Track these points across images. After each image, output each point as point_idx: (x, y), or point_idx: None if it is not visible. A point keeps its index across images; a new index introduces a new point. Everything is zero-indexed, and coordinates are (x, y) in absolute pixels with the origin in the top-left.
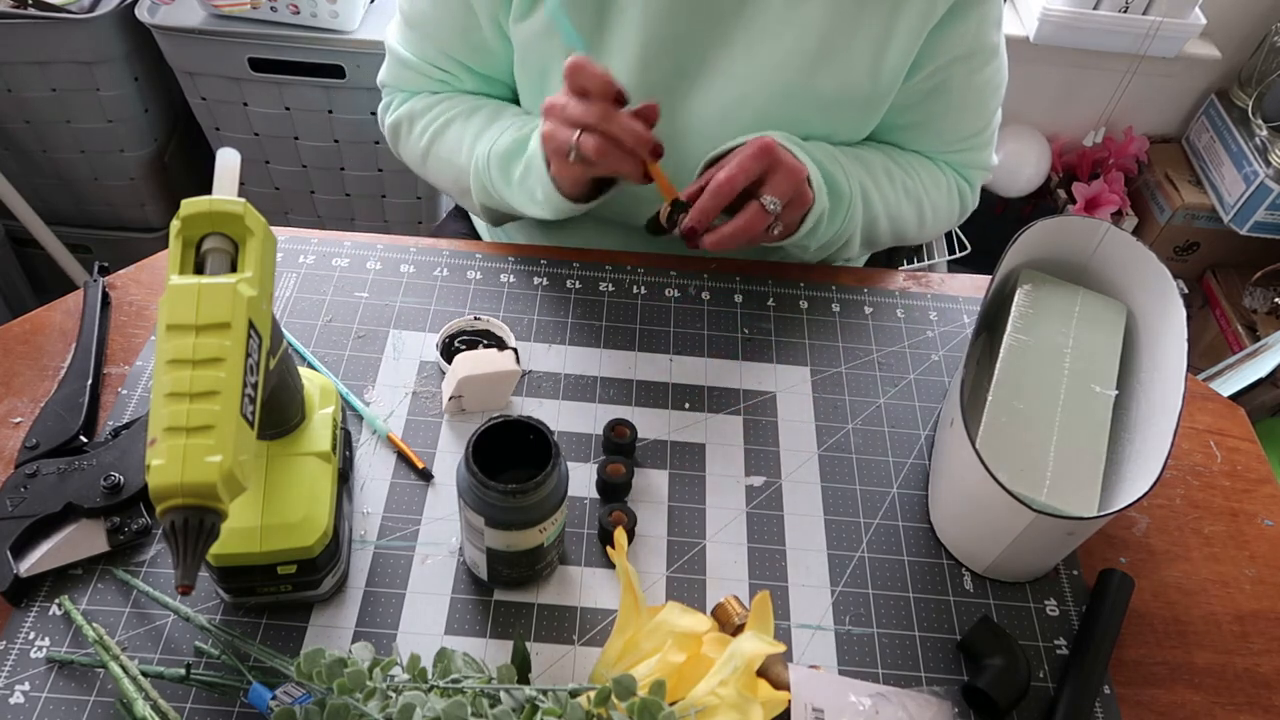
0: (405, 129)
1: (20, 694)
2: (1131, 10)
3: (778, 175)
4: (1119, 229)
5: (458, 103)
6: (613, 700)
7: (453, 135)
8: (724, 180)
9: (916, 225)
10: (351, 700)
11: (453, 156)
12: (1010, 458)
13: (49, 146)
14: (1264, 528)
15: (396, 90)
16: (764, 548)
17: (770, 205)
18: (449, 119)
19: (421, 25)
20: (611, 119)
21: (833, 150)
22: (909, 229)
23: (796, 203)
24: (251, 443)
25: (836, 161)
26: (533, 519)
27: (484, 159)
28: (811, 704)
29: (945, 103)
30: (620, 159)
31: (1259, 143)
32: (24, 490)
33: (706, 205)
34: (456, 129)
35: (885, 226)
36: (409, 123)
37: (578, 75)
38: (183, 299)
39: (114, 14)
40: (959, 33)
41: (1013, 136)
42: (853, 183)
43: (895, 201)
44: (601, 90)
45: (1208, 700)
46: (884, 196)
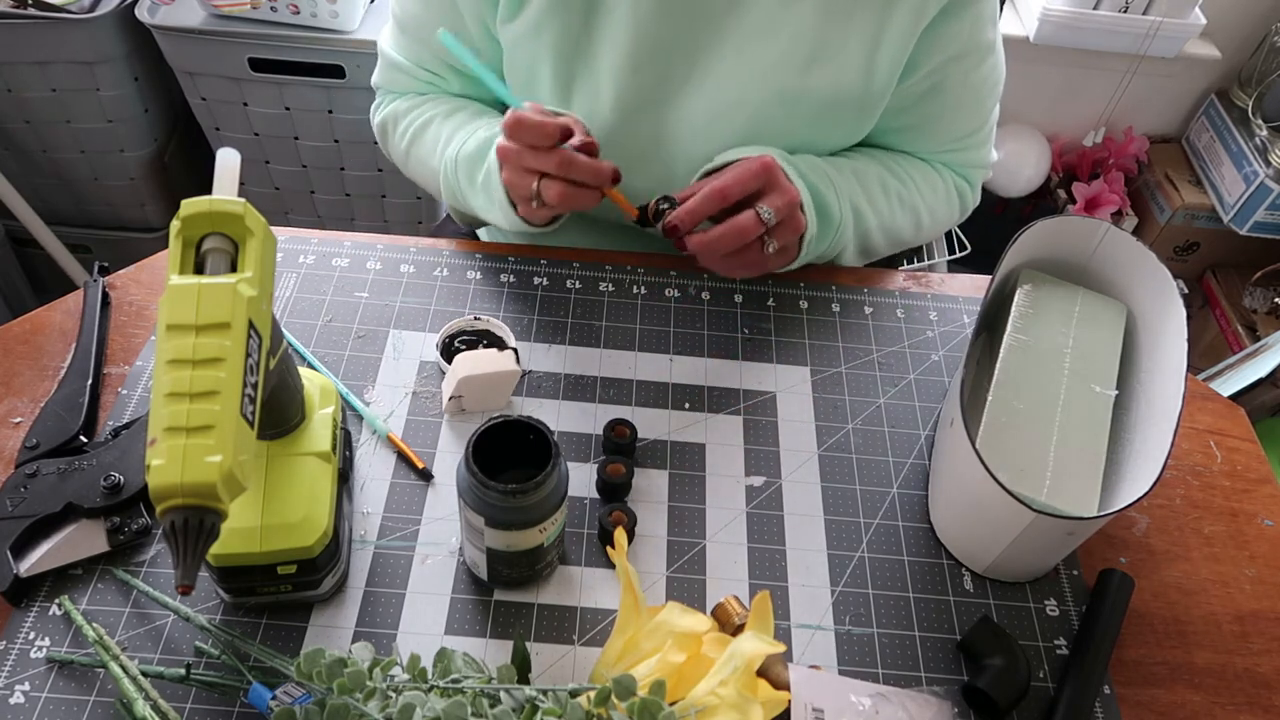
0: (390, 128)
1: (20, 694)
2: (1131, 10)
3: (773, 195)
4: (1119, 229)
5: (439, 104)
6: (613, 700)
7: (430, 136)
8: (718, 187)
9: (913, 233)
10: (351, 700)
11: (427, 158)
12: (1010, 458)
13: (49, 146)
14: (1264, 528)
15: (387, 92)
16: (764, 548)
17: (765, 214)
18: (428, 119)
19: (411, 28)
20: (570, 166)
21: (825, 168)
22: (905, 237)
23: (790, 225)
24: (251, 443)
25: (829, 180)
26: (533, 519)
27: (451, 162)
28: (811, 704)
29: (942, 103)
30: (582, 199)
31: (1259, 143)
32: (24, 490)
33: (696, 207)
34: (434, 130)
35: (879, 239)
36: (393, 122)
37: (519, 132)
38: (183, 299)
39: (114, 14)
40: (953, 32)
41: (1013, 136)
42: (844, 203)
43: (889, 213)
44: (548, 140)
45: (1208, 700)
46: (878, 210)
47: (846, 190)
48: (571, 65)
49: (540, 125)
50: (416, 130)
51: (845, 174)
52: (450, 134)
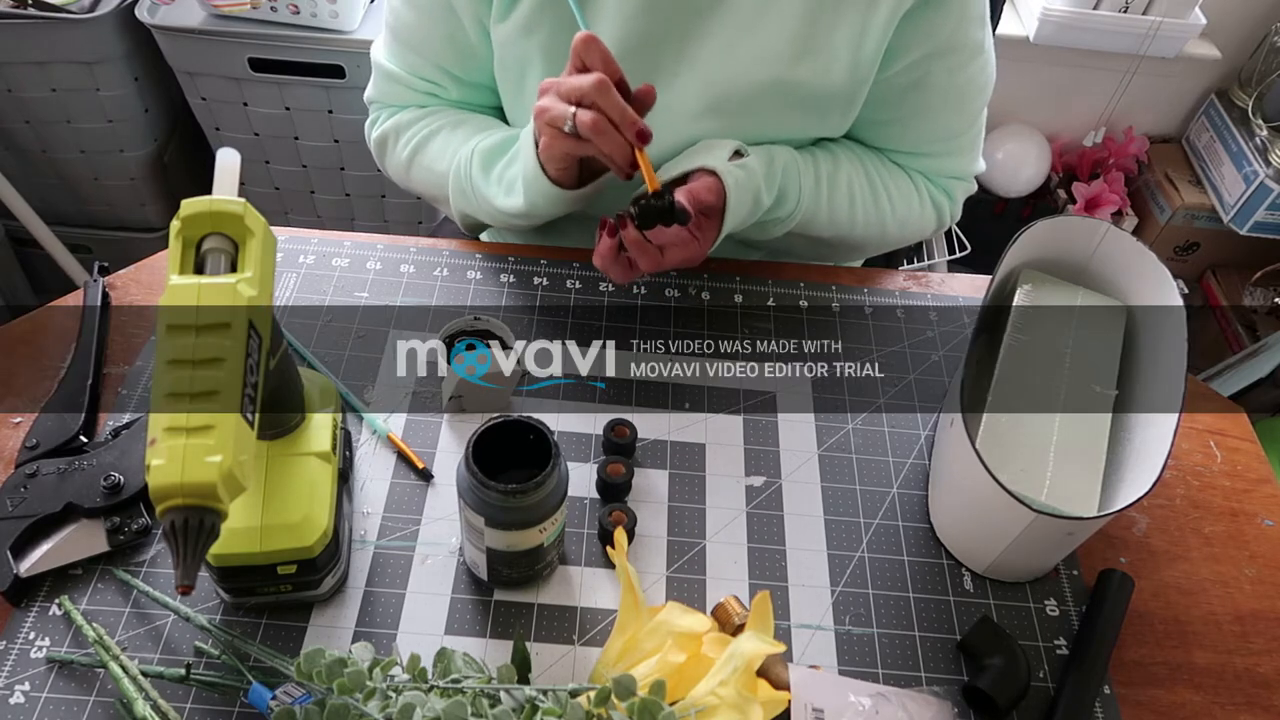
0: (391, 141)
1: (20, 694)
2: (1131, 10)
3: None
4: (1119, 229)
5: (445, 115)
6: (613, 700)
7: (437, 144)
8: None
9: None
10: (351, 700)
11: (434, 164)
12: (1010, 458)
13: (49, 146)
14: (1264, 528)
15: (384, 106)
16: (764, 548)
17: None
18: (434, 129)
19: (407, 37)
20: (608, 93)
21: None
22: (861, 239)
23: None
24: (251, 443)
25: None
26: (533, 519)
27: (466, 157)
28: (811, 704)
29: (925, 100)
30: (612, 138)
31: (1259, 143)
32: (24, 490)
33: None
34: (442, 139)
35: (830, 234)
36: (395, 135)
37: (588, 49)
38: (183, 299)
39: (114, 14)
40: (936, 25)
41: (1013, 136)
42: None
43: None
44: (605, 67)
45: (1208, 700)
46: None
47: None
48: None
49: (607, 52)
50: (422, 140)
51: (809, 170)
52: (465, 137)
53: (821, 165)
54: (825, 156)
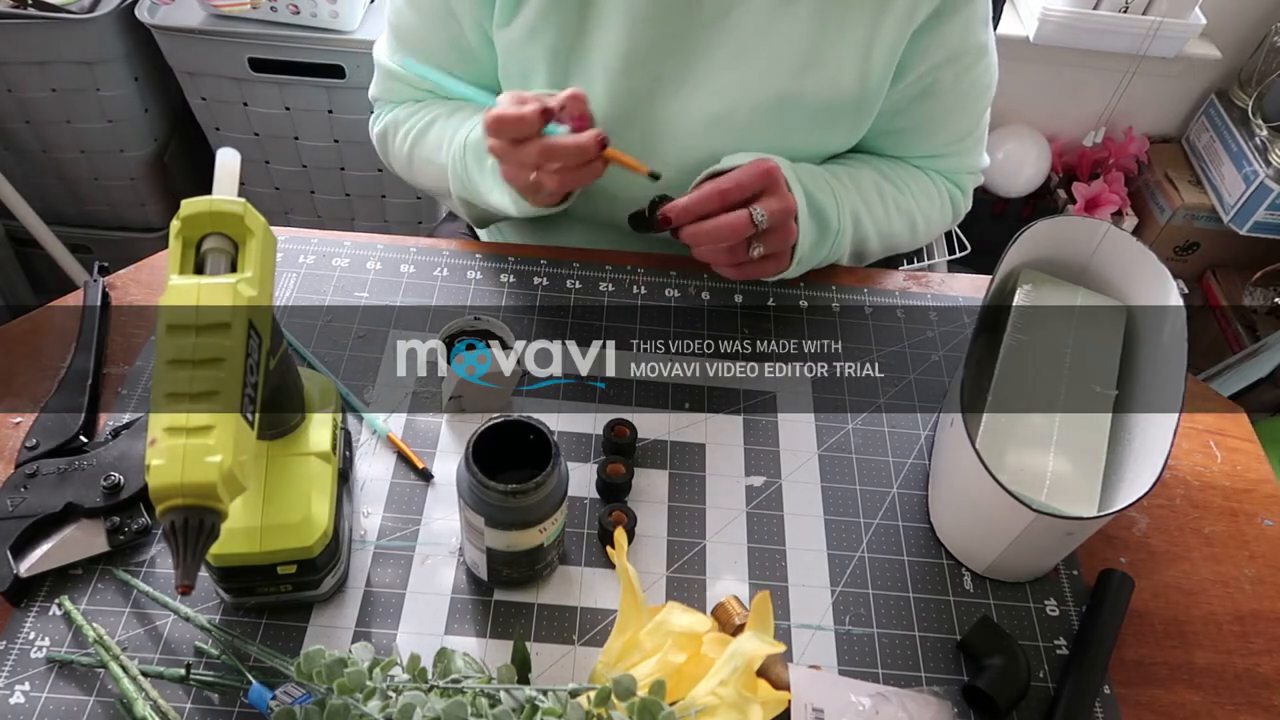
0: (391, 135)
1: (20, 694)
2: (1131, 10)
3: (770, 199)
4: (1119, 229)
5: (439, 106)
6: (613, 700)
7: (434, 136)
8: (718, 188)
9: (909, 239)
10: (351, 700)
11: (433, 156)
12: (1010, 458)
13: (49, 146)
14: (1264, 528)
15: (386, 102)
16: (764, 548)
17: (758, 216)
18: (430, 120)
19: (409, 38)
20: (553, 154)
21: (826, 177)
22: (900, 243)
23: (780, 233)
24: (251, 443)
25: (829, 190)
26: (533, 519)
27: (460, 149)
28: (811, 704)
29: (935, 106)
30: (582, 176)
31: (1259, 143)
32: (24, 490)
33: (691, 204)
34: (438, 129)
35: (876, 245)
36: (394, 129)
37: (500, 130)
38: (183, 299)
39: (114, 14)
40: (945, 35)
41: (1013, 136)
42: (843, 212)
43: (887, 220)
44: (528, 129)
45: (1208, 700)
46: (874, 217)
47: (847, 200)
48: (566, 69)
49: (517, 119)
50: (419, 132)
51: (844, 182)
52: (456, 127)
53: (843, 172)
54: (841, 165)
